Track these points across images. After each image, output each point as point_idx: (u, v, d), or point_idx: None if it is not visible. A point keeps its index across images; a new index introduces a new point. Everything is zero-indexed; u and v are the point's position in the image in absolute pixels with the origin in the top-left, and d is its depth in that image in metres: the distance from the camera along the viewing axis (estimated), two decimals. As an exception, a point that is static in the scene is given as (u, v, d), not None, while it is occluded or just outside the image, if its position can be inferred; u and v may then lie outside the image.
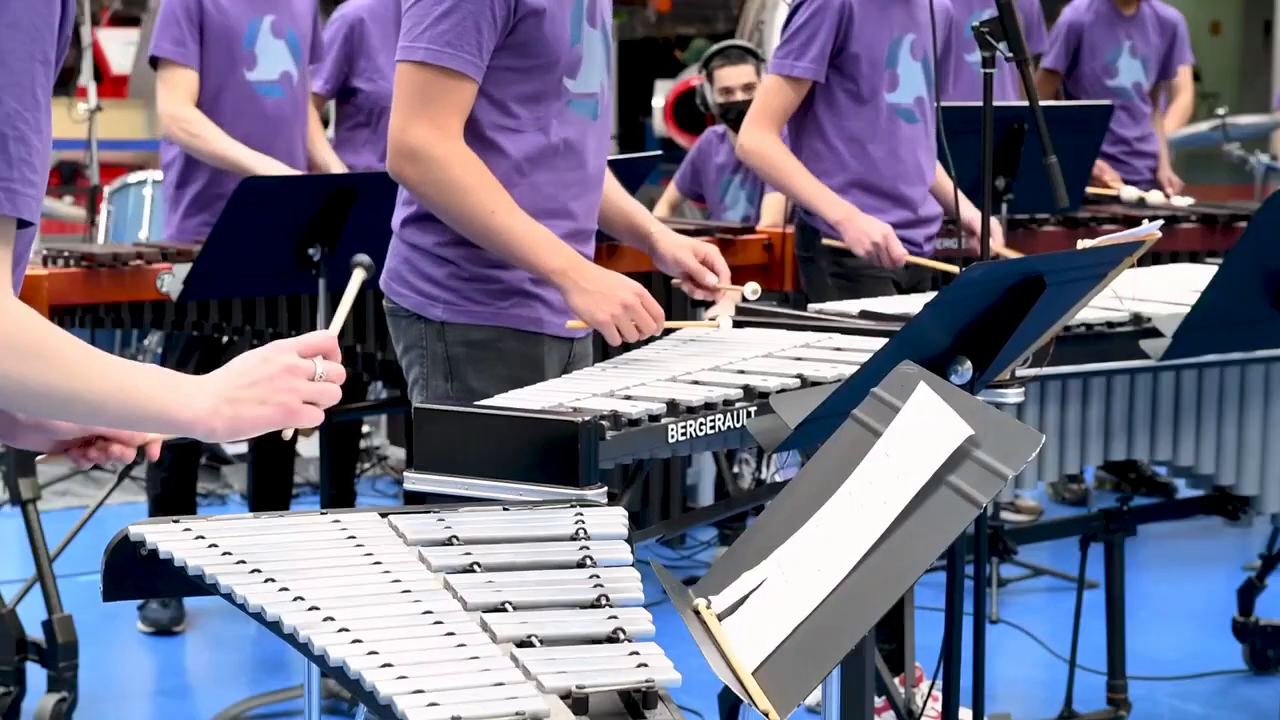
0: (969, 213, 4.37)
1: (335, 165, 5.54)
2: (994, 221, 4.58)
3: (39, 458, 2.29)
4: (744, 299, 3.33)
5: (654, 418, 2.74)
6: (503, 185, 3.18)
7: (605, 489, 2.56)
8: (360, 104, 5.73)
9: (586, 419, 2.58)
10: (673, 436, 2.75)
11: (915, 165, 4.72)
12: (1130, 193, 6.58)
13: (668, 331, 3.30)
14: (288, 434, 2.07)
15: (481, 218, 3.13)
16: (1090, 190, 6.55)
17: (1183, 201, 6.48)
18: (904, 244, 4.70)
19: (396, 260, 3.30)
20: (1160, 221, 3.03)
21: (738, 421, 2.85)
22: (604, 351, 3.51)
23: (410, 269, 3.26)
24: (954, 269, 4.54)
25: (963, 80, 5.96)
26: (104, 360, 1.90)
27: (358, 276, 2.66)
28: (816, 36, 4.60)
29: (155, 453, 2.20)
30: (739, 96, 6.52)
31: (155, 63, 5.20)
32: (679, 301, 5.33)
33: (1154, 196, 6.63)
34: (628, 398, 2.79)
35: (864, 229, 4.56)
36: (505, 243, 3.14)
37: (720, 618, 2.01)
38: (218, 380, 1.96)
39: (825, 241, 4.68)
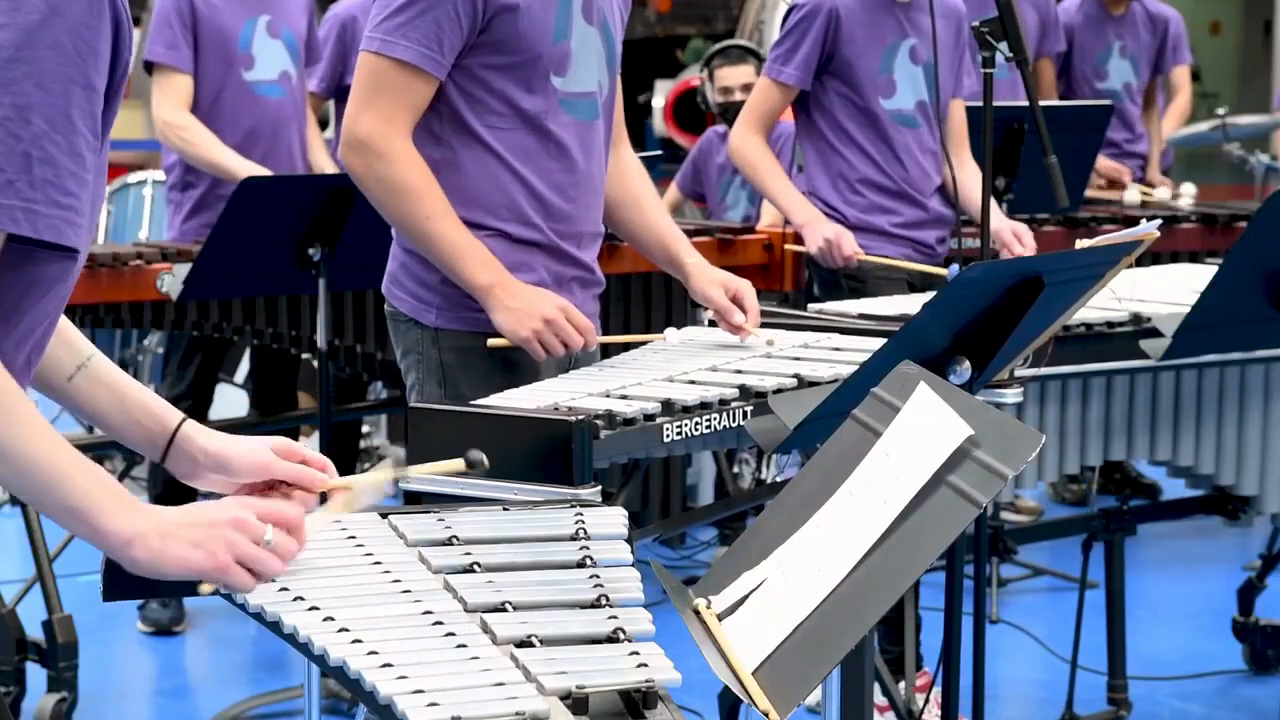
0: (996, 221, 4.47)
1: (329, 168, 5.54)
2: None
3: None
4: (767, 342, 3.30)
5: (649, 417, 2.74)
6: (493, 185, 3.18)
7: (599, 488, 2.56)
8: None
9: (580, 418, 2.58)
10: (668, 436, 2.75)
11: (918, 168, 4.73)
12: (1133, 196, 6.58)
13: (609, 347, 3.30)
14: (205, 589, 1.93)
15: (417, 221, 3.12)
16: (1100, 194, 6.56)
17: (1186, 195, 6.48)
18: (914, 244, 4.72)
19: (395, 264, 3.30)
20: (1159, 221, 3.03)
21: (734, 421, 2.86)
22: (603, 355, 3.51)
23: (406, 274, 3.26)
24: (940, 271, 4.55)
25: (977, 79, 5.96)
26: (54, 438, 1.84)
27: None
28: (802, 43, 4.64)
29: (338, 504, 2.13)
30: (738, 96, 6.53)
31: (150, 67, 5.21)
32: (679, 304, 5.34)
33: (1161, 193, 6.63)
34: (623, 397, 2.80)
35: (817, 230, 4.61)
36: (437, 250, 3.13)
37: (720, 618, 2.01)
38: (164, 511, 1.89)
39: (788, 248, 4.76)
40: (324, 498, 2.16)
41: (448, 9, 3.09)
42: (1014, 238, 4.62)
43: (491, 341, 3.16)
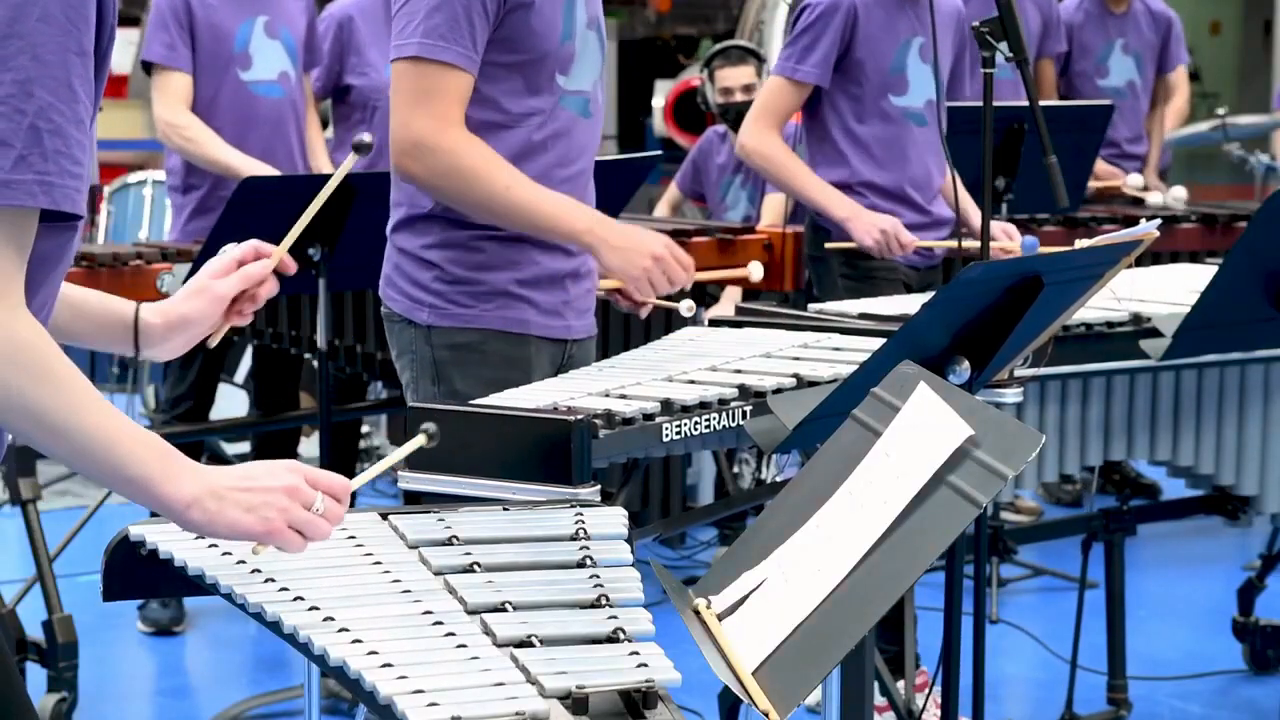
0: (976, 219, 4.42)
1: (329, 169, 5.54)
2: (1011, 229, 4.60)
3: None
4: (681, 314, 3.31)
5: (648, 416, 2.74)
6: None
7: (598, 487, 2.56)
8: (354, 101, 5.74)
9: (580, 418, 2.58)
10: (667, 435, 2.75)
11: (924, 168, 4.72)
12: (1137, 179, 6.57)
13: (610, 346, 3.29)
14: (258, 549, 1.99)
15: (499, 195, 3.12)
16: (1097, 185, 6.55)
17: (1175, 199, 6.47)
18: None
19: (389, 265, 3.31)
20: (1158, 221, 3.03)
21: (733, 421, 2.86)
22: (603, 354, 3.52)
23: (399, 274, 3.27)
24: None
25: (977, 80, 5.96)
26: (105, 408, 1.87)
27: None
28: (821, 40, 4.60)
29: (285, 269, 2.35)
30: (739, 97, 6.53)
31: (148, 68, 5.22)
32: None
33: (1154, 197, 6.62)
34: (622, 397, 2.80)
35: (871, 221, 4.56)
36: (528, 214, 3.13)
37: (720, 618, 2.01)
38: (216, 473, 1.93)
39: (830, 246, 4.67)
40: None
41: (476, 4, 3.10)
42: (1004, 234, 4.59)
43: (602, 284, 3.15)
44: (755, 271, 3.31)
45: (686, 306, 3.32)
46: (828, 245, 4.67)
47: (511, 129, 3.20)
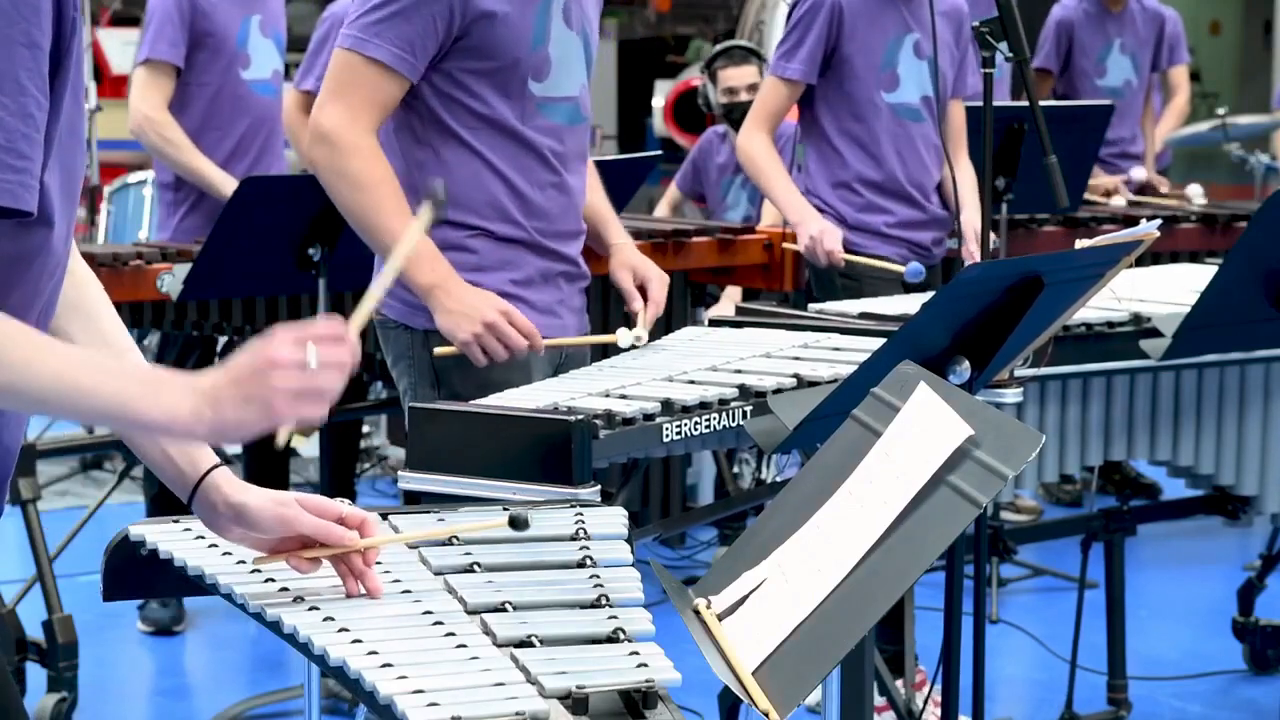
0: (970, 216, 4.43)
1: None
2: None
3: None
4: (635, 338, 3.29)
5: (649, 417, 2.74)
6: (475, 184, 3.18)
7: (598, 488, 2.57)
8: None
9: (580, 418, 2.58)
10: (667, 435, 2.75)
11: (919, 164, 4.73)
12: (1139, 172, 6.57)
13: (608, 347, 3.29)
14: (281, 438, 1.81)
15: (368, 216, 3.13)
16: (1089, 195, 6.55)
17: (1196, 197, 6.47)
18: (909, 245, 4.72)
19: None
20: (1159, 221, 3.03)
21: (733, 421, 2.86)
22: (603, 353, 3.52)
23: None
24: (898, 268, 4.53)
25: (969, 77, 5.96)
26: (57, 353, 1.77)
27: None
28: (806, 38, 4.64)
29: (374, 588, 2.01)
30: (743, 97, 6.53)
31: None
32: (678, 305, 5.33)
33: (1138, 172, 6.62)
34: (623, 397, 2.80)
35: (807, 227, 4.60)
36: (384, 247, 3.14)
37: (720, 618, 2.01)
38: (207, 378, 1.79)
39: (785, 246, 4.78)
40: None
41: (425, 14, 3.10)
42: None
43: (438, 350, 3.15)
44: (623, 338, 3.31)
45: (633, 337, 3.28)
46: (785, 245, 4.78)
47: (490, 134, 3.20)
